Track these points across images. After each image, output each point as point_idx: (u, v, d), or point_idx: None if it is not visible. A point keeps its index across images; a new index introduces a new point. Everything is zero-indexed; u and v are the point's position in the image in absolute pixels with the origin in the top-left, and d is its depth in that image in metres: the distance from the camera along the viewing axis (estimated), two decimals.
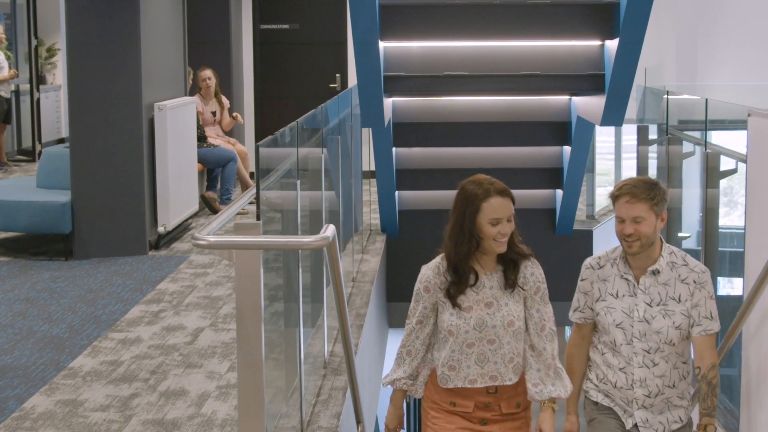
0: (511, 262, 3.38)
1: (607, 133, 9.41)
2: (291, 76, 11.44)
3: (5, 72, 10.56)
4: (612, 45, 5.82)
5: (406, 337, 3.50)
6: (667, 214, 3.55)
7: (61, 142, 11.60)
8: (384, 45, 6.10)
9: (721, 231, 5.54)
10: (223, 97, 9.27)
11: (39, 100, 11.66)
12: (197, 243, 2.83)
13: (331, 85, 11.29)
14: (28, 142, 11.77)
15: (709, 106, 5.47)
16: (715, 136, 5.90)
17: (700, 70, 11.84)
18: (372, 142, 7.25)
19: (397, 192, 7.93)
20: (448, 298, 3.37)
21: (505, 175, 3.90)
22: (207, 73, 9.06)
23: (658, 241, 3.53)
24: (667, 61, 11.97)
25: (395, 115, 7.12)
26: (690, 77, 11.90)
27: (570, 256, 7.00)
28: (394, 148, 7.46)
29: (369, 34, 5.53)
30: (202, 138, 8.61)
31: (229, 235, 2.97)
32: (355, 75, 6.01)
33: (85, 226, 6.92)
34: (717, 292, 4.03)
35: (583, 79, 6.24)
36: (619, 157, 9.59)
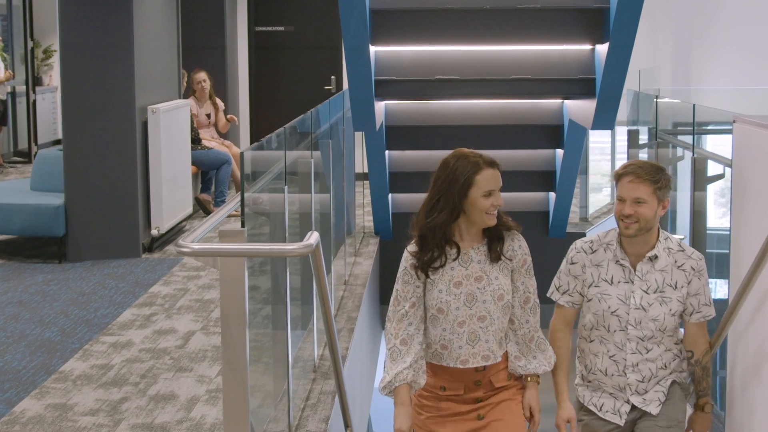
0: (497, 234, 3.33)
1: (602, 133, 9.41)
2: (286, 79, 11.47)
3: (1, 74, 10.59)
4: (602, 49, 5.84)
5: (397, 324, 3.32)
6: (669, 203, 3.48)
7: (58, 143, 11.62)
8: (375, 49, 6.12)
9: (717, 233, 5.57)
10: (218, 99, 9.30)
11: (35, 102, 11.69)
12: (181, 250, 2.85)
13: (326, 87, 11.31)
14: (24, 144, 11.81)
15: (703, 110, 5.51)
16: (710, 140, 5.93)
17: (695, 73, 11.86)
18: (365, 145, 7.27)
19: (390, 195, 7.95)
20: (422, 272, 3.30)
21: None
22: (202, 75, 9.09)
23: (656, 227, 3.46)
24: (663, 64, 11.99)
25: (388, 118, 7.14)
26: (685, 79, 11.92)
27: (563, 259, 7.00)
28: (387, 151, 7.48)
29: (359, 38, 5.55)
30: (196, 140, 8.63)
31: (213, 243, 2.99)
32: None
33: (78, 229, 6.95)
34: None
35: (573, 83, 6.25)
36: (614, 157, 9.63)
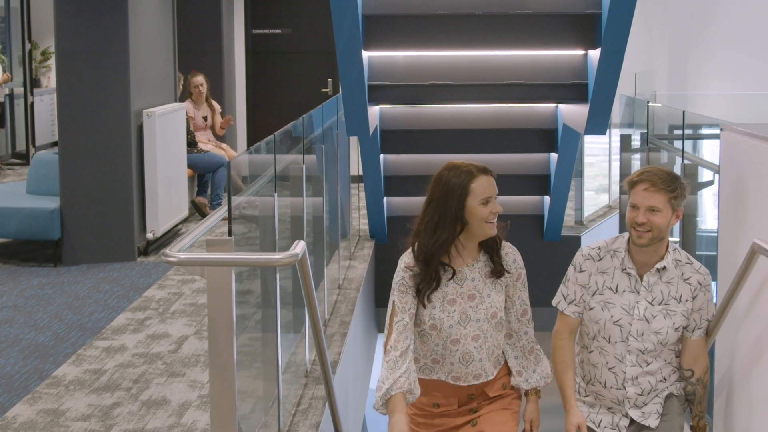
0: (493, 248, 3.29)
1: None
2: (283, 82, 11.49)
3: None
4: (595, 54, 5.86)
5: (397, 336, 3.21)
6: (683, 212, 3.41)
7: (56, 145, 11.58)
8: (368, 54, 6.14)
9: (711, 235, 5.58)
10: (214, 102, 9.33)
11: (33, 104, 11.71)
12: (167, 260, 2.86)
13: (323, 90, 11.34)
14: (22, 146, 11.82)
15: (698, 116, 5.53)
16: (705, 145, 5.95)
17: (692, 76, 11.88)
18: (359, 149, 7.29)
19: (385, 198, 7.97)
20: (417, 294, 3.25)
21: None
22: (199, 79, 9.12)
23: (667, 237, 3.40)
24: (659, 67, 12.01)
25: (383, 123, 7.16)
26: (681, 82, 11.94)
27: (558, 262, 6.98)
28: (382, 155, 7.50)
29: (352, 43, 5.57)
30: (192, 143, 8.66)
31: (200, 252, 3.01)
32: None
33: (74, 233, 6.97)
34: None
35: (566, 89, 6.28)
36: (611, 159, 9.63)
